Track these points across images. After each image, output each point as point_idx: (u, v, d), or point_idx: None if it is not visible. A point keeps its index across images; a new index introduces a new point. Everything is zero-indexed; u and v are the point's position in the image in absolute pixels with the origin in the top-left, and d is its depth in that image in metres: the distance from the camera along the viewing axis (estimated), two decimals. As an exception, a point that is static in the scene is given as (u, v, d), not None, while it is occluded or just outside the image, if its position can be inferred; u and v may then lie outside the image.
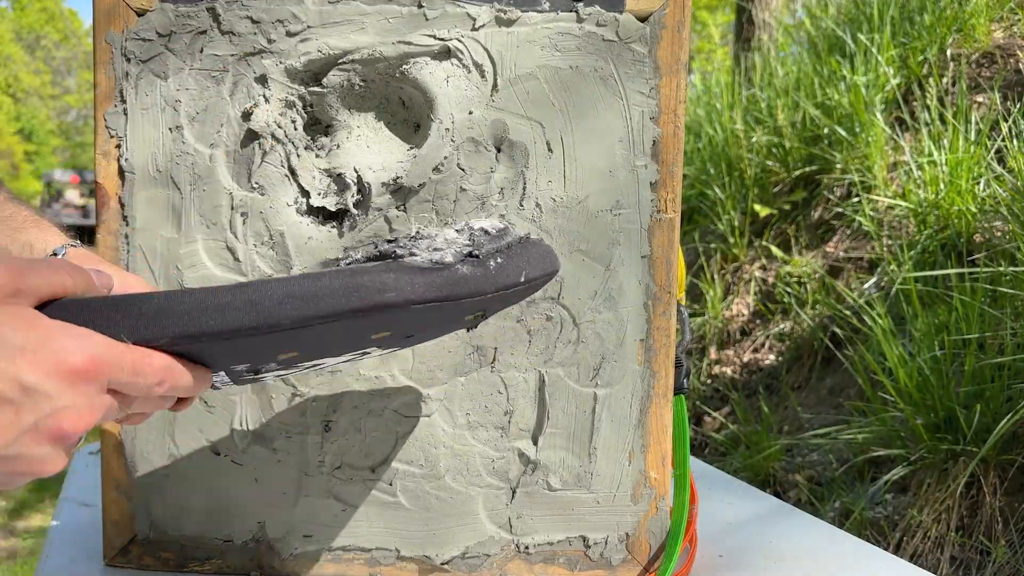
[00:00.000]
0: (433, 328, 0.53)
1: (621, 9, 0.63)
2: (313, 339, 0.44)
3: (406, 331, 0.50)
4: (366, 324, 0.45)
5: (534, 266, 0.54)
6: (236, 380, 0.48)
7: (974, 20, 2.69)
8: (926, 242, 2.20)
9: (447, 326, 0.55)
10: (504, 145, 0.64)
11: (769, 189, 3.08)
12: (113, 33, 0.63)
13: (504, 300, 0.53)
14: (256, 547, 0.67)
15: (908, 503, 1.80)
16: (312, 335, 0.43)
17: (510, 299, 0.54)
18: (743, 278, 3.01)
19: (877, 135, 2.60)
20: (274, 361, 0.46)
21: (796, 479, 2.16)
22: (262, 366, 0.46)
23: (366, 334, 0.47)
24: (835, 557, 0.72)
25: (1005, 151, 2.14)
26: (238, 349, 0.43)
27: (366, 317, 0.43)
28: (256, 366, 0.46)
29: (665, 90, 0.63)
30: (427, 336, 0.56)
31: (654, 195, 0.64)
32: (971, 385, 1.72)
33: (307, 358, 0.47)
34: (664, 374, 0.66)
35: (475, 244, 0.52)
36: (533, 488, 0.66)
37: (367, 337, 0.48)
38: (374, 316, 0.44)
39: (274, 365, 0.47)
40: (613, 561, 0.67)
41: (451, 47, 0.62)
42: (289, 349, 0.45)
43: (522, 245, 0.54)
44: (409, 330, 0.50)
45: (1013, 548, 1.57)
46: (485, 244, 0.52)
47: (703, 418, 2.77)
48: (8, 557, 2.76)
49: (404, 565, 0.67)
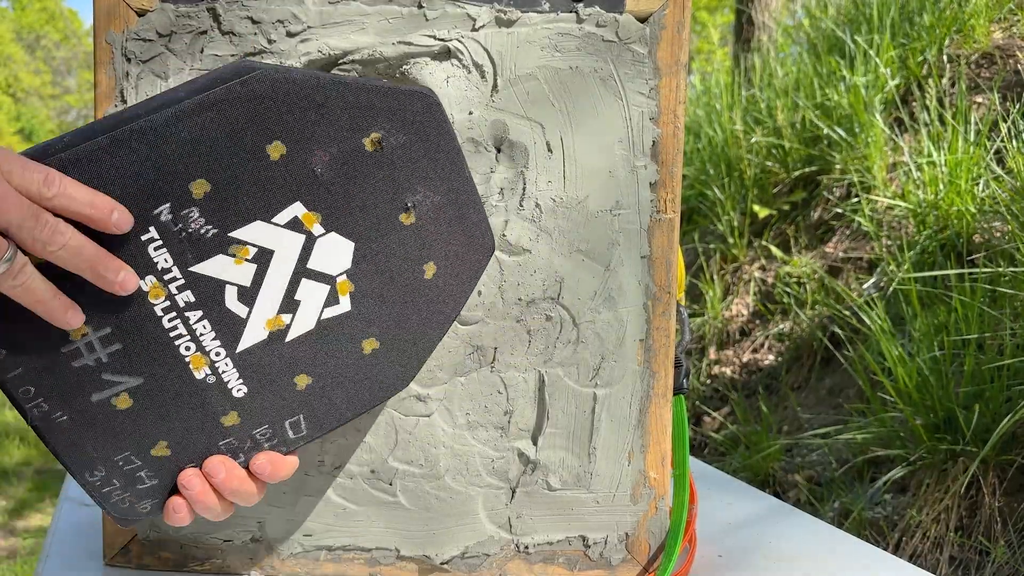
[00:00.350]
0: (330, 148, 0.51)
1: (621, 10, 0.63)
2: (202, 147, 0.47)
3: (299, 148, 0.50)
4: (239, 115, 0.48)
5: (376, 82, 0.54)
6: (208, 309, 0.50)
7: (973, 21, 2.70)
8: (925, 242, 2.20)
9: (353, 161, 0.52)
10: (504, 145, 0.64)
11: (769, 190, 3.08)
12: (113, 33, 0.63)
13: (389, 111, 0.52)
14: (256, 547, 0.67)
15: (907, 503, 1.80)
16: (193, 136, 0.47)
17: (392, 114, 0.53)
18: (743, 278, 3.01)
19: (876, 136, 2.60)
20: (193, 204, 0.48)
21: (795, 479, 2.16)
22: (186, 211, 0.48)
23: (259, 147, 0.49)
24: (834, 557, 0.72)
25: (1004, 152, 2.14)
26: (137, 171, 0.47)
27: (227, 88, 0.47)
28: (178, 207, 0.48)
29: (665, 91, 0.64)
30: (354, 199, 0.53)
31: (654, 195, 0.64)
32: (970, 385, 1.72)
33: (228, 204, 0.49)
34: (664, 374, 0.66)
35: None
36: (533, 488, 0.66)
37: (265, 155, 0.49)
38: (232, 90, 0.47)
39: (198, 214, 0.48)
40: (613, 561, 0.67)
41: (451, 47, 0.63)
42: (191, 170, 0.48)
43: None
44: (299, 144, 0.50)
45: (1012, 548, 1.57)
46: None
47: (703, 418, 2.77)
48: (8, 557, 2.76)
49: (404, 565, 0.67)
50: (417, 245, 0.54)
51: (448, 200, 0.55)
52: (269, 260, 0.51)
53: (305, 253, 0.52)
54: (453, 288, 0.57)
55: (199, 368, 0.51)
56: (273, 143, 0.49)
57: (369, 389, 0.56)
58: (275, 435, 0.54)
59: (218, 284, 0.50)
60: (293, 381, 0.53)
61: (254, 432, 0.54)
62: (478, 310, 0.64)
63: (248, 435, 0.54)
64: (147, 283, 0.49)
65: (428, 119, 0.54)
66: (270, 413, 0.54)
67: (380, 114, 0.52)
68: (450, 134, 0.55)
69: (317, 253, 0.52)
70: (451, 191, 0.55)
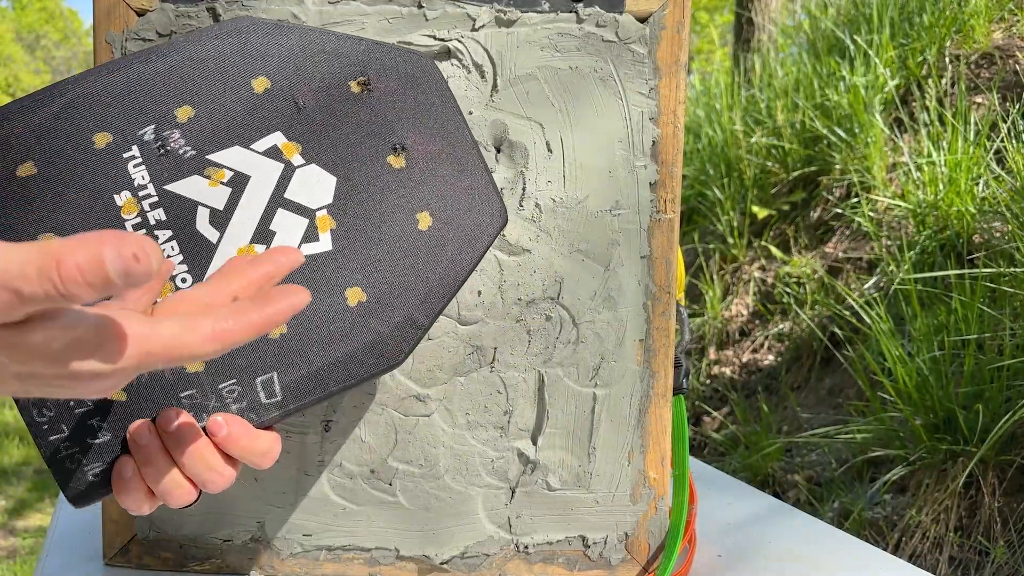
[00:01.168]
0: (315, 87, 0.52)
1: (621, 10, 0.63)
2: (190, 72, 0.50)
3: (284, 82, 0.51)
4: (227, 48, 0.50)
5: None
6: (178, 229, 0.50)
7: (973, 21, 2.70)
8: (925, 242, 2.20)
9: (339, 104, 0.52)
10: (504, 145, 0.64)
11: (768, 190, 3.08)
12: (113, 33, 0.63)
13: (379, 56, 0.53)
14: (256, 547, 0.67)
15: (907, 503, 1.80)
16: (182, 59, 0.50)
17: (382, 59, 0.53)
18: (742, 278, 3.01)
19: (876, 136, 2.60)
20: (176, 127, 0.50)
21: (795, 479, 2.16)
22: (168, 133, 0.50)
23: (244, 79, 0.51)
24: (834, 557, 0.72)
25: (1004, 152, 2.14)
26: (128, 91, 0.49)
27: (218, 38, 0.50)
28: (161, 128, 0.49)
29: (664, 91, 0.64)
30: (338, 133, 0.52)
31: (653, 195, 0.64)
32: (970, 385, 1.72)
33: (209, 130, 0.50)
34: (663, 374, 0.66)
35: None
36: (532, 488, 0.66)
37: (249, 87, 0.51)
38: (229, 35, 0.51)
39: (179, 136, 0.50)
40: (612, 561, 0.67)
41: (451, 47, 0.63)
42: (177, 94, 0.50)
43: None
44: (284, 79, 0.51)
45: (1012, 548, 1.57)
46: None
47: (702, 418, 2.77)
48: (8, 557, 2.76)
49: (403, 564, 0.67)
50: (408, 191, 0.52)
51: (445, 152, 0.53)
52: (244, 185, 0.50)
53: (283, 182, 0.50)
54: (452, 246, 0.53)
55: (164, 294, 0.48)
56: (258, 77, 0.51)
57: (356, 352, 0.50)
58: (244, 395, 0.49)
59: (191, 204, 0.50)
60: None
61: (220, 387, 0.48)
62: (478, 310, 0.64)
63: (213, 389, 0.48)
64: (122, 198, 0.49)
65: (422, 73, 0.53)
66: (239, 364, 0.49)
67: (371, 63, 0.53)
68: (447, 93, 0.54)
69: (295, 183, 0.50)
70: (449, 145, 0.53)
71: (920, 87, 2.71)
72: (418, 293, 0.52)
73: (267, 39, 0.51)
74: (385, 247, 0.51)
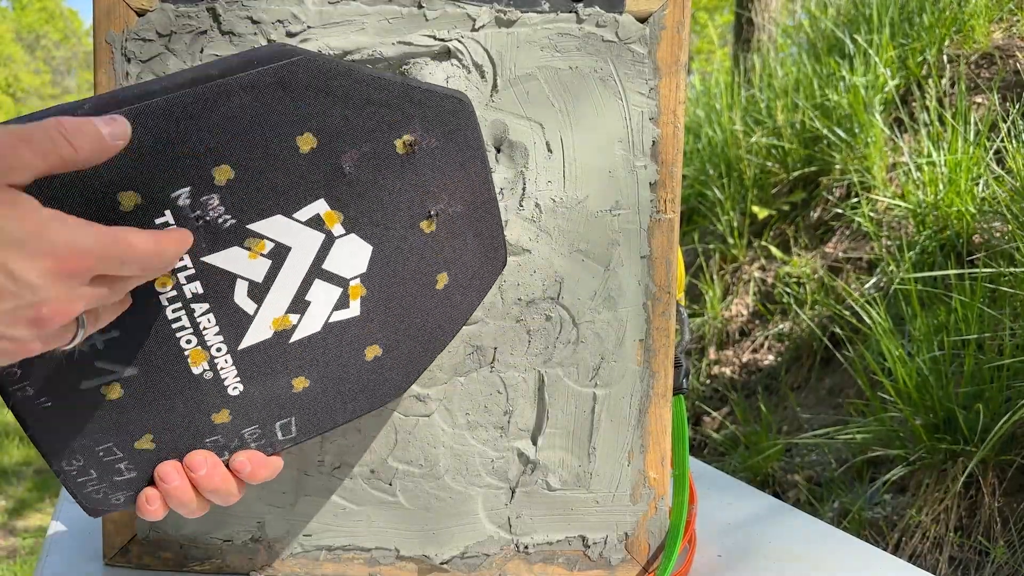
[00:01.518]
0: (361, 146, 0.49)
1: (621, 10, 0.63)
2: (231, 128, 0.44)
3: (331, 142, 0.47)
4: (272, 103, 0.45)
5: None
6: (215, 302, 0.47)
7: (973, 21, 2.70)
8: (925, 243, 2.20)
9: (383, 162, 0.50)
10: (504, 145, 0.64)
11: (768, 190, 3.09)
12: (113, 33, 0.63)
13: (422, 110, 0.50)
14: (256, 547, 0.67)
15: (907, 503, 1.80)
16: (224, 113, 0.44)
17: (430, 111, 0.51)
18: (742, 278, 3.01)
19: (876, 136, 2.60)
20: (214, 191, 0.45)
21: (795, 479, 2.16)
22: (206, 198, 0.45)
23: (289, 139, 0.46)
24: (834, 557, 0.72)
25: (1004, 152, 2.14)
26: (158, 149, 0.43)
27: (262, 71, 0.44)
28: (198, 193, 0.45)
29: (664, 91, 0.64)
30: (380, 201, 0.51)
31: (653, 195, 0.64)
32: (970, 385, 1.72)
33: (249, 194, 0.46)
34: (663, 374, 0.66)
35: None
36: (532, 488, 0.66)
37: (294, 147, 0.46)
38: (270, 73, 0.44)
39: (218, 202, 0.45)
40: (612, 561, 0.67)
41: (451, 47, 0.63)
42: (215, 154, 0.45)
43: None
44: (331, 138, 0.47)
45: (1012, 548, 1.57)
46: None
47: (702, 418, 2.77)
48: (8, 557, 2.76)
49: (403, 565, 0.67)
50: (433, 254, 0.52)
51: (469, 212, 0.54)
52: (285, 257, 0.48)
53: (322, 253, 0.49)
54: (462, 300, 0.55)
55: (198, 363, 0.49)
56: (304, 134, 0.46)
57: (366, 396, 0.54)
58: (263, 435, 0.52)
59: (229, 277, 0.47)
60: (291, 383, 0.52)
61: (243, 431, 0.52)
62: (478, 310, 0.64)
63: (237, 434, 0.51)
64: None
65: (463, 124, 0.52)
66: (262, 413, 0.52)
67: (416, 115, 0.50)
68: (480, 142, 0.53)
69: (334, 254, 0.49)
70: (473, 203, 0.54)
71: (920, 87, 2.71)
72: (427, 341, 0.55)
73: (315, 83, 0.46)
74: (405, 308, 0.53)
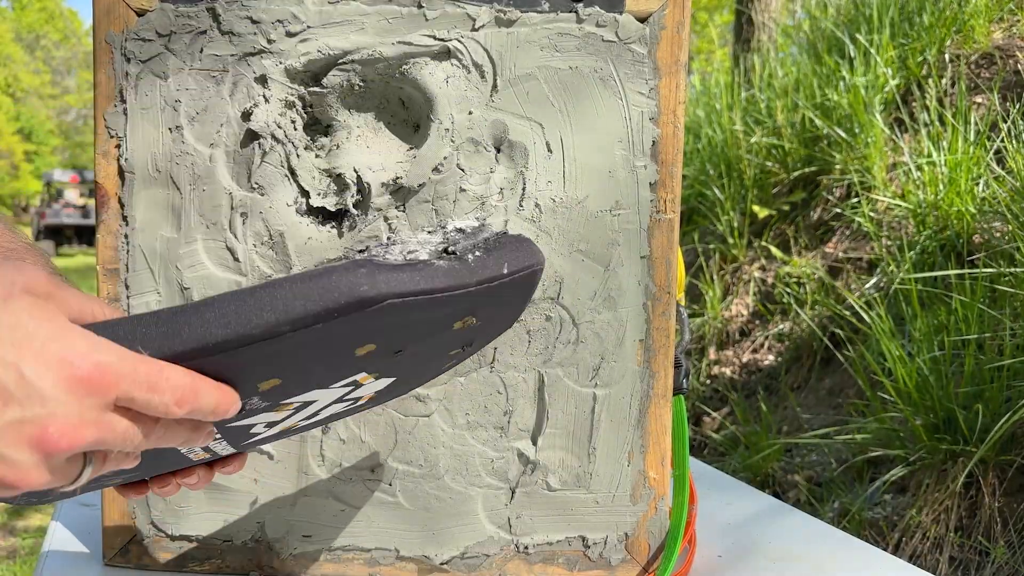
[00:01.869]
0: (420, 340, 0.49)
1: (621, 10, 0.63)
2: (291, 356, 0.42)
3: (391, 343, 0.46)
4: (342, 332, 0.42)
5: (515, 258, 0.50)
6: (231, 440, 0.47)
7: (973, 21, 2.70)
8: (925, 243, 2.20)
9: (437, 338, 0.50)
10: (504, 145, 0.64)
11: (768, 190, 3.08)
12: (113, 33, 0.63)
13: (492, 297, 0.49)
14: (256, 547, 0.67)
15: (907, 503, 1.80)
16: (288, 348, 0.41)
17: (499, 296, 0.51)
18: (742, 278, 3.01)
19: (876, 136, 2.60)
20: (257, 395, 0.43)
21: (795, 479, 2.16)
22: (246, 401, 0.43)
23: (348, 349, 0.44)
24: (834, 557, 0.72)
25: (1004, 152, 2.14)
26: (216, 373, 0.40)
27: (340, 319, 0.41)
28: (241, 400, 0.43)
29: (664, 91, 0.64)
30: (419, 355, 0.51)
31: (653, 195, 0.64)
32: (970, 386, 1.72)
33: (292, 390, 0.45)
34: (663, 374, 0.66)
35: (450, 241, 0.50)
36: (532, 488, 0.66)
37: (351, 353, 0.45)
38: (350, 318, 0.41)
39: (257, 400, 0.44)
40: (612, 561, 0.67)
41: (451, 47, 0.63)
42: (267, 374, 0.42)
43: (500, 239, 0.52)
44: (393, 342, 0.46)
45: (1012, 548, 1.57)
46: (461, 241, 0.50)
47: (702, 418, 2.77)
48: (8, 557, 2.75)
49: (403, 565, 0.67)
50: (460, 335, 0.52)
51: (501, 315, 0.55)
52: (308, 405, 0.48)
53: (346, 394, 0.49)
54: (478, 340, 0.55)
55: (198, 456, 0.49)
56: (364, 346, 0.45)
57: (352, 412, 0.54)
58: (232, 444, 0.50)
59: (249, 426, 0.47)
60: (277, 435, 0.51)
61: (215, 448, 0.50)
62: (478, 310, 0.64)
63: (207, 449, 0.50)
64: None
65: (525, 295, 0.54)
66: (237, 444, 0.51)
67: (482, 303, 0.49)
68: (533, 289, 0.55)
69: (356, 391, 0.49)
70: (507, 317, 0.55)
71: (920, 87, 2.71)
72: (427, 375, 0.56)
73: (396, 322, 0.44)
74: (419, 367, 0.53)
